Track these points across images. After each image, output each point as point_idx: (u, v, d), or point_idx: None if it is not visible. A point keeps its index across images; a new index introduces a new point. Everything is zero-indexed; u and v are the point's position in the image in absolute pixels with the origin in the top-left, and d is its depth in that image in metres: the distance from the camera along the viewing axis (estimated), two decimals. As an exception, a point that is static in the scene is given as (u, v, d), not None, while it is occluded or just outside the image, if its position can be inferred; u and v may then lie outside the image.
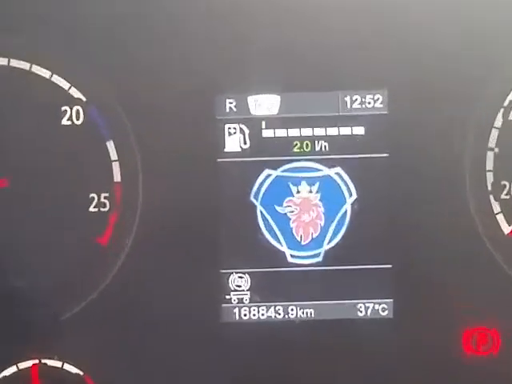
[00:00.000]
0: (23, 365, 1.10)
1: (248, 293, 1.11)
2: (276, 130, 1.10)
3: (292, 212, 1.11)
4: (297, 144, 1.10)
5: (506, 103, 1.08)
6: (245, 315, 1.11)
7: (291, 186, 1.11)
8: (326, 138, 1.10)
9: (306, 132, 1.10)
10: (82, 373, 1.10)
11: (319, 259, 1.11)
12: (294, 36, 1.07)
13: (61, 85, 1.10)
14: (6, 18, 1.08)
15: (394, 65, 1.07)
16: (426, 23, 1.06)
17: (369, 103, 1.09)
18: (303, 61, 1.08)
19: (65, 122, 1.10)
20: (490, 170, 1.09)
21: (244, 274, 1.11)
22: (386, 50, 1.07)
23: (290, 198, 1.11)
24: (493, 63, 1.07)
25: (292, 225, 1.11)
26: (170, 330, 1.09)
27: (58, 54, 1.09)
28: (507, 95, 1.08)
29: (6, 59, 1.08)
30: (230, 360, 1.10)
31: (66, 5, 1.07)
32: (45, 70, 1.09)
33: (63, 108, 1.10)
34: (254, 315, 1.11)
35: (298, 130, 1.10)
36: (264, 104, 1.10)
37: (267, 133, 1.10)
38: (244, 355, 1.10)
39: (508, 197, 1.08)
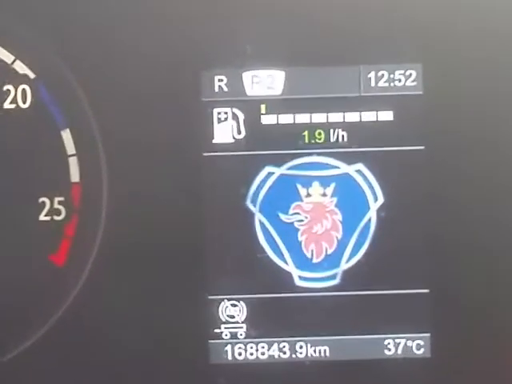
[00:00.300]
0: None
1: (243, 325, 1.04)
2: (279, 116, 1.04)
3: (301, 221, 1.05)
4: (306, 134, 1.03)
5: None
6: (239, 354, 1.04)
7: (300, 187, 1.05)
8: (344, 125, 1.03)
9: (319, 118, 1.03)
10: None
11: (335, 282, 1.04)
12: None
13: (2, 58, 1.04)
14: None
15: (430, 32, 1.02)
16: None
17: (399, 81, 1.03)
18: (314, 26, 1.02)
19: (7, 105, 1.04)
20: None
21: (238, 301, 1.04)
22: (419, 14, 1.02)
23: (298, 202, 1.04)
24: None
25: (301, 238, 1.04)
26: (144, 374, 1.02)
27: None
28: None
29: None
30: None
31: None
32: None
33: (5, 87, 1.04)
34: (252, 354, 1.04)
35: (307, 115, 1.04)
36: (264, 82, 1.04)
37: (268, 119, 1.04)
38: None
39: None
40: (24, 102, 1.03)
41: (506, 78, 1.03)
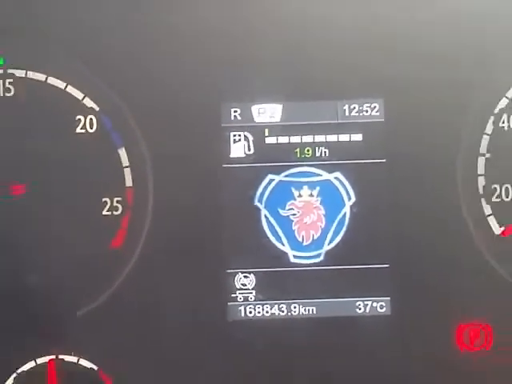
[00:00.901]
0: (41, 360, 1.12)
1: (253, 291, 1.12)
2: (278, 137, 1.12)
3: (294, 215, 1.11)
4: (298, 150, 1.11)
5: (496, 111, 1.12)
6: (250, 313, 1.11)
7: (293, 190, 1.11)
8: (325, 144, 1.11)
9: (307, 139, 1.11)
10: (96, 367, 1.11)
11: (320, 259, 1.12)
12: (295, 50, 1.10)
13: (75, 95, 1.12)
14: (22, 32, 1.12)
15: (389, 75, 1.10)
16: (417, 34, 1.09)
17: (366, 111, 1.10)
18: (304, 72, 1.11)
19: (79, 130, 1.12)
20: (481, 175, 1.11)
21: (249, 273, 1.12)
22: (381, 62, 1.10)
23: (293, 201, 1.11)
24: (483, 72, 1.10)
25: (294, 227, 1.11)
26: (179, 328, 1.10)
27: (72, 66, 1.11)
28: (497, 103, 1.12)
29: (24, 71, 1.11)
30: (237, 357, 1.11)
31: (79, 20, 1.11)
32: (60, 81, 1.12)
33: (77, 117, 1.12)
34: (259, 313, 1.11)
35: (299, 137, 1.11)
36: (267, 112, 1.11)
37: (270, 140, 1.11)
38: (250, 351, 1.11)
39: (499, 200, 1.11)
40: (91, 128, 1.12)
41: (448, 108, 1.10)
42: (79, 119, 1.13)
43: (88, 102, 1.13)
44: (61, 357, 1.12)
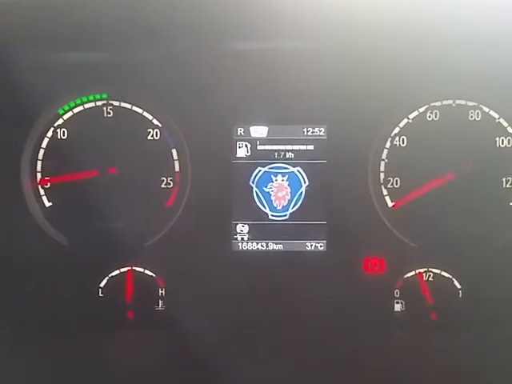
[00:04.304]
0: (123, 269, 1.41)
1: (247, 234, 1.42)
2: (265, 146, 1.41)
3: (272, 191, 1.41)
4: (276, 153, 1.41)
5: (392, 134, 1.42)
6: (244, 247, 1.41)
7: (272, 176, 1.41)
8: (292, 150, 1.40)
9: (282, 147, 1.41)
10: (154, 275, 1.41)
11: (286, 217, 1.42)
12: (276, 94, 1.36)
13: (148, 117, 1.42)
14: (118, 75, 1.35)
15: (330, 109, 1.37)
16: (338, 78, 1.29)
17: (316, 132, 1.40)
18: (281, 107, 1.39)
19: (149, 138, 1.43)
20: (382, 171, 1.41)
21: (244, 224, 1.42)
22: (324, 102, 1.37)
23: (272, 183, 1.41)
24: (384, 108, 1.36)
25: (272, 198, 1.41)
26: (204, 255, 1.37)
27: (147, 100, 1.42)
28: (392, 130, 1.42)
29: (118, 102, 1.40)
30: (237, 271, 1.38)
31: (150, 64, 1.32)
32: (139, 109, 1.43)
33: (148, 130, 1.42)
34: (250, 246, 1.42)
35: (277, 146, 1.41)
36: (258, 131, 1.41)
37: (260, 147, 1.42)
38: (245, 270, 1.39)
39: (392, 186, 1.42)
40: (156, 136, 1.42)
41: (361, 131, 1.32)
42: (149, 131, 1.42)
43: (155, 121, 1.42)
44: (134, 268, 1.42)
